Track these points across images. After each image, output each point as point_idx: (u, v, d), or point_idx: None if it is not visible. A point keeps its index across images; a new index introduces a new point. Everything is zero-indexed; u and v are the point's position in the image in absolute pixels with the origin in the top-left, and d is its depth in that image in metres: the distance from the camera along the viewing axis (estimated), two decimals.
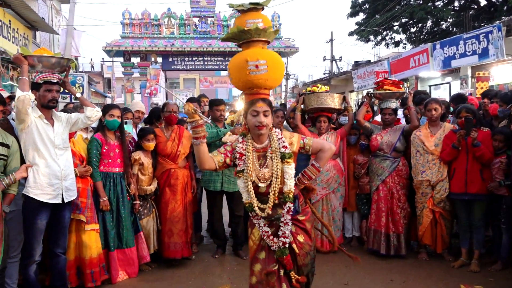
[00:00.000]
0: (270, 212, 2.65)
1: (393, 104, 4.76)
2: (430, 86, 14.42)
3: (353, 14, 23.82)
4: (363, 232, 4.99)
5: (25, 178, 3.27)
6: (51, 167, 3.34)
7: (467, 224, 4.33)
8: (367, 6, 23.10)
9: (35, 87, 3.40)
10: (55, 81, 3.42)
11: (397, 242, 4.56)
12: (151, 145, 4.32)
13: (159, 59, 18.27)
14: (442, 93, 13.66)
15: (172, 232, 4.40)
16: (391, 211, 4.60)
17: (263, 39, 2.83)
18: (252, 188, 2.65)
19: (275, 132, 2.74)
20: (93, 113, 3.65)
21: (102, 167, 4.00)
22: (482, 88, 10.38)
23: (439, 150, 4.35)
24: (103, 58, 29.48)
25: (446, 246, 4.55)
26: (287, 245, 2.65)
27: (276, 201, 2.65)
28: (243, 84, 2.84)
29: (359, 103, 6.21)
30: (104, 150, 4.00)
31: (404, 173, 4.64)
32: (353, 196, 5.07)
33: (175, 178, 4.45)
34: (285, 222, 2.65)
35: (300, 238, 2.72)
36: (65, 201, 3.44)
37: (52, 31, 14.46)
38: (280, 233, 2.65)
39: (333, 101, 4.76)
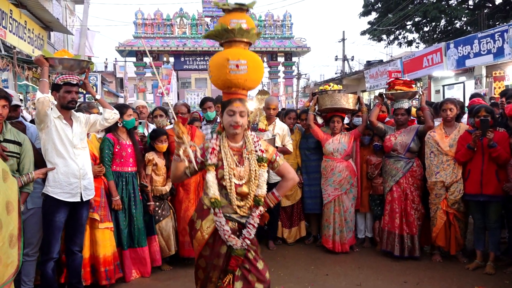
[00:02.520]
0: (246, 214, 2.62)
1: (406, 104, 4.71)
2: (443, 86, 14.27)
3: (365, 13, 23.67)
4: (376, 233, 4.97)
5: (44, 178, 3.34)
6: (69, 166, 3.41)
7: (482, 226, 4.28)
8: (380, 5, 22.93)
9: (55, 88, 3.48)
10: (75, 82, 3.51)
11: (411, 243, 4.53)
12: (164, 146, 4.35)
13: (171, 59, 18.38)
14: (456, 93, 13.51)
15: (186, 231, 4.42)
16: (405, 212, 4.56)
17: (245, 40, 2.84)
18: (233, 184, 2.61)
19: (251, 134, 2.74)
20: (111, 115, 3.74)
21: (114, 166, 4.04)
22: (500, 88, 10.25)
23: (454, 151, 4.30)
24: (115, 58, 29.78)
25: (460, 248, 4.50)
26: (247, 247, 2.61)
27: (251, 204, 2.62)
28: (222, 83, 2.83)
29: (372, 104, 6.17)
30: (116, 150, 4.03)
31: (418, 174, 4.60)
32: (366, 197, 5.05)
33: None
34: (253, 225, 2.62)
35: (250, 255, 2.66)
36: (84, 199, 3.50)
37: (66, 32, 14.64)
38: (245, 233, 2.60)
39: (348, 101, 4.73)
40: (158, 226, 4.35)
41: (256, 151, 2.67)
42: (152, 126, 5.23)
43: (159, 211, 4.36)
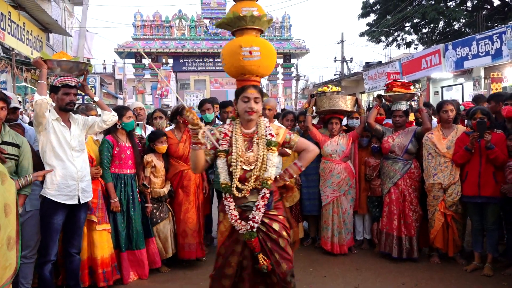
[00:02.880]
0: (247, 195, 2.65)
1: (403, 106, 4.73)
2: (442, 88, 14.30)
3: (364, 15, 23.71)
4: (374, 234, 4.97)
5: (42, 180, 3.34)
6: (67, 168, 3.40)
7: (480, 228, 4.29)
8: (378, 7, 22.98)
9: (53, 90, 3.48)
10: (73, 84, 3.50)
11: (409, 245, 4.53)
12: (164, 147, 4.35)
13: (170, 61, 18.40)
14: (454, 95, 13.55)
15: (186, 233, 4.43)
16: (403, 214, 4.57)
17: (257, 27, 2.88)
18: (240, 169, 2.65)
19: (263, 120, 2.78)
20: (110, 117, 3.73)
21: (113, 168, 4.04)
22: (497, 89, 10.28)
23: (451, 152, 4.31)
24: (114, 60, 29.79)
25: (458, 249, 4.50)
26: (254, 229, 2.63)
27: (258, 185, 2.65)
28: (235, 70, 2.88)
29: (369, 106, 6.18)
30: (116, 152, 4.03)
31: (416, 175, 4.61)
32: (364, 198, 5.05)
33: (188, 179, 4.48)
34: (258, 207, 2.65)
35: (276, 226, 2.71)
36: (81, 202, 3.50)
37: (65, 33, 14.65)
38: (250, 216, 2.64)
39: (346, 103, 4.74)
40: (155, 228, 4.34)
41: (266, 135, 2.70)
42: (150, 128, 5.23)
43: (157, 213, 4.36)
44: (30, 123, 4.08)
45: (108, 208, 3.98)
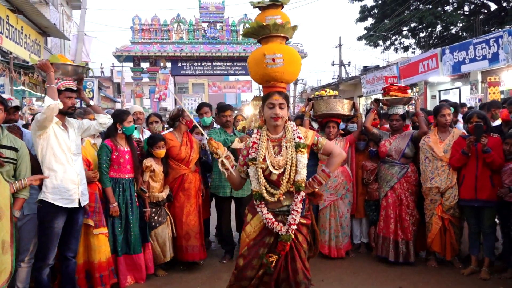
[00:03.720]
0: (281, 198, 2.68)
1: (400, 110, 4.74)
2: (439, 91, 14.35)
3: (362, 19, 23.81)
4: (372, 238, 4.97)
5: (40, 184, 3.33)
6: (68, 172, 3.41)
7: (477, 231, 4.29)
8: (376, 11, 23.07)
9: None
10: (75, 88, 3.51)
11: (406, 249, 4.53)
12: (162, 152, 4.34)
13: (168, 64, 18.41)
14: (452, 98, 13.56)
15: (189, 235, 4.42)
16: (400, 217, 4.57)
17: (281, 34, 2.95)
18: (263, 175, 2.70)
19: (291, 124, 2.81)
20: (106, 120, 3.76)
21: (112, 172, 4.03)
22: (494, 93, 10.31)
23: (448, 156, 4.31)
24: (113, 63, 29.81)
25: (456, 253, 4.50)
26: (293, 231, 2.66)
27: (291, 188, 2.69)
28: (260, 77, 2.99)
29: (367, 109, 6.21)
30: (114, 156, 4.02)
31: (413, 179, 4.62)
32: (361, 202, 5.05)
33: (189, 182, 4.48)
34: (296, 210, 2.67)
35: (300, 237, 2.76)
36: (82, 205, 3.51)
37: (63, 37, 14.65)
38: (289, 218, 2.67)
39: (343, 107, 4.75)
40: (154, 233, 4.33)
41: (294, 138, 2.73)
42: (147, 132, 5.23)
43: (156, 218, 4.35)
44: (24, 126, 4.07)
45: (105, 211, 3.97)
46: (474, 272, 4.23)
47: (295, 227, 2.66)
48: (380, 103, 4.96)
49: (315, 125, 5.35)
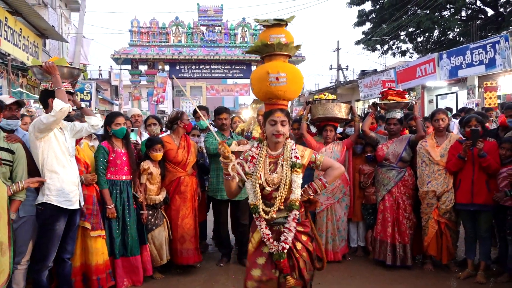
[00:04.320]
0: (274, 216, 2.72)
1: (398, 114, 4.77)
2: (436, 96, 14.40)
3: (359, 23, 23.92)
4: (369, 242, 4.98)
5: (37, 187, 3.32)
6: (69, 174, 3.45)
7: (473, 235, 4.31)
8: (374, 16, 23.19)
9: (51, 95, 3.44)
10: (72, 91, 3.53)
11: (403, 252, 4.54)
12: (158, 155, 4.35)
13: (166, 67, 18.43)
14: (449, 103, 13.64)
15: (184, 238, 4.43)
16: (397, 221, 4.59)
17: (285, 53, 3.04)
18: (259, 190, 2.75)
19: (290, 142, 2.85)
20: (97, 122, 3.77)
21: (109, 174, 4.03)
22: (490, 98, 10.36)
23: (445, 160, 4.34)
24: (111, 66, 29.80)
25: (452, 257, 4.52)
26: (285, 250, 2.70)
27: (282, 207, 2.73)
28: (263, 95, 3.06)
29: (365, 113, 6.23)
30: (111, 158, 4.03)
31: (410, 183, 4.64)
32: (358, 206, 5.07)
33: (185, 185, 4.49)
34: (289, 228, 2.72)
35: (298, 245, 2.78)
36: (81, 206, 3.55)
37: (61, 39, 14.63)
38: (282, 238, 2.71)
39: (340, 111, 4.78)
40: (150, 235, 4.34)
41: (291, 157, 2.77)
42: (145, 134, 5.24)
43: (152, 220, 4.35)
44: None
45: (103, 214, 3.97)
46: (470, 276, 4.24)
47: (287, 246, 2.70)
48: (378, 107, 4.99)
49: (313, 129, 5.37)
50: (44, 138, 3.35)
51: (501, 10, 19.99)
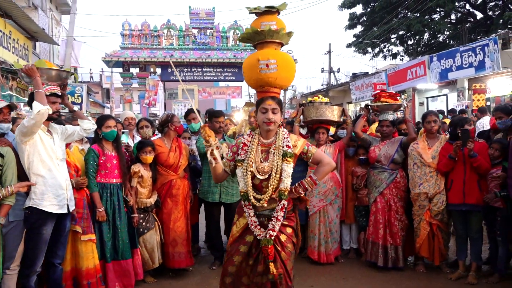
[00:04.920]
0: (265, 204, 2.76)
1: (390, 116, 4.80)
2: (427, 98, 14.52)
3: (351, 26, 24.06)
4: (361, 244, 4.99)
5: (27, 191, 3.28)
6: (56, 178, 3.38)
7: (464, 236, 4.34)
8: (365, 19, 23.35)
9: None
10: (60, 94, 3.48)
11: (394, 254, 4.56)
12: (148, 157, 4.32)
13: (158, 70, 18.35)
14: (439, 105, 13.76)
15: (176, 242, 4.40)
16: (389, 223, 4.60)
17: (276, 40, 3.01)
18: (250, 178, 2.78)
19: (283, 131, 2.85)
20: (89, 126, 3.74)
21: (99, 177, 4.00)
22: (478, 100, 10.47)
23: (436, 162, 4.37)
24: (102, 69, 29.63)
25: (444, 258, 4.55)
26: (273, 237, 2.74)
27: (273, 195, 2.75)
28: (254, 82, 3.05)
29: (357, 115, 6.26)
30: (101, 161, 3.99)
31: (402, 185, 4.66)
32: (351, 208, 5.08)
33: (177, 188, 4.46)
34: (277, 217, 2.75)
35: (283, 237, 2.81)
36: (70, 210, 3.48)
37: (52, 42, 14.55)
38: (270, 226, 2.75)
39: (332, 113, 4.79)
40: (142, 239, 4.30)
41: (283, 146, 2.77)
42: (138, 137, 5.21)
43: (144, 224, 4.32)
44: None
45: (93, 218, 3.93)
46: (462, 277, 4.27)
47: (274, 233, 2.73)
48: (370, 109, 5.01)
49: (303, 131, 5.38)
50: (29, 142, 3.29)
51: (490, 13, 20.24)
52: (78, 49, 16.23)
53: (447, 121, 6.95)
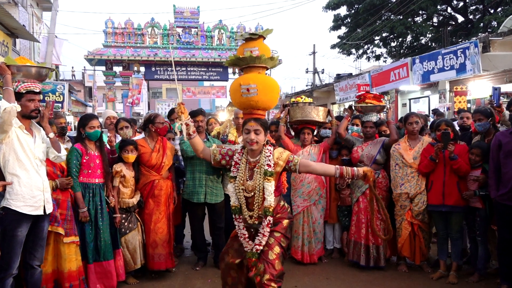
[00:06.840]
0: (256, 222, 2.97)
1: (374, 117, 4.85)
2: (410, 100, 14.70)
3: (335, 27, 24.25)
4: (344, 243, 5.03)
5: (4, 190, 3.18)
6: (33, 178, 3.26)
7: (445, 236, 4.41)
8: (349, 20, 23.55)
9: (16, 96, 3.30)
10: (38, 91, 3.36)
11: (376, 253, 4.60)
12: (130, 156, 4.26)
13: (142, 69, 18.16)
14: (421, 107, 13.95)
15: (156, 243, 4.35)
16: (371, 222, 4.64)
17: (259, 65, 3.23)
18: (243, 195, 2.98)
19: (267, 149, 2.99)
20: (54, 158, 3.50)
21: (81, 177, 3.93)
22: (460, 102, 10.63)
23: (418, 163, 4.42)
24: (84, 67, 29.20)
25: (425, 258, 4.61)
26: (259, 251, 2.93)
27: (260, 213, 2.93)
28: (238, 105, 3.31)
29: (340, 116, 6.29)
30: (84, 161, 3.93)
31: (384, 185, 4.71)
32: (334, 208, 5.11)
33: (159, 189, 4.42)
34: (263, 234, 2.93)
35: (270, 240, 2.97)
36: (47, 212, 3.36)
37: (32, 39, 14.26)
38: (256, 241, 2.95)
39: (318, 114, 4.81)
40: (124, 239, 4.25)
41: (265, 165, 2.95)
42: (120, 137, 5.12)
43: (126, 224, 4.27)
44: None
45: (76, 219, 3.86)
46: (443, 277, 4.34)
47: (260, 247, 2.93)
48: (354, 110, 5.05)
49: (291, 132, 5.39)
50: (5, 140, 3.18)
51: (471, 17, 20.64)
52: (60, 47, 15.97)
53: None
